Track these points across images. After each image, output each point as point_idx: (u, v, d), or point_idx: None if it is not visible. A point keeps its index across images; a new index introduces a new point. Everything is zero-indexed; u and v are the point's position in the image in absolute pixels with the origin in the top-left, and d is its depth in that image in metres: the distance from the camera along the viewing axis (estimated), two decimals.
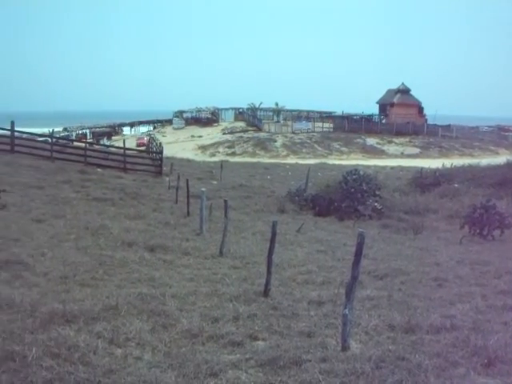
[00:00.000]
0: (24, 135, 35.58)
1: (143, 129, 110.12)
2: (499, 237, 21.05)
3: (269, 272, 10.36)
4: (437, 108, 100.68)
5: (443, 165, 42.35)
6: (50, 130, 39.26)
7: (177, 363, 6.77)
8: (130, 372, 6.48)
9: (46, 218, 17.14)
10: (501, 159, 45.83)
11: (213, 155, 73.11)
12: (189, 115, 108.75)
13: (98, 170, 30.89)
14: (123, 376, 6.31)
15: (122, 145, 36.82)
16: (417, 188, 34.11)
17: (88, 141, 65.93)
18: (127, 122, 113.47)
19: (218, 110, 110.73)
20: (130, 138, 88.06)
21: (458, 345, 7.25)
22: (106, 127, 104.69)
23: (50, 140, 35.48)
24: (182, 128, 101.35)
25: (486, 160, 51.16)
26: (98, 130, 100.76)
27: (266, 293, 10.18)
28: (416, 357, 6.79)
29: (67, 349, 6.94)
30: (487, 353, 6.86)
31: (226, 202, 16.01)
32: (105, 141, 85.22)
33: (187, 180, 23.19)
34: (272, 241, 10.56)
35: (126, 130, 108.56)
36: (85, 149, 34.35)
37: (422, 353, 6.96)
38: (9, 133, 31.11)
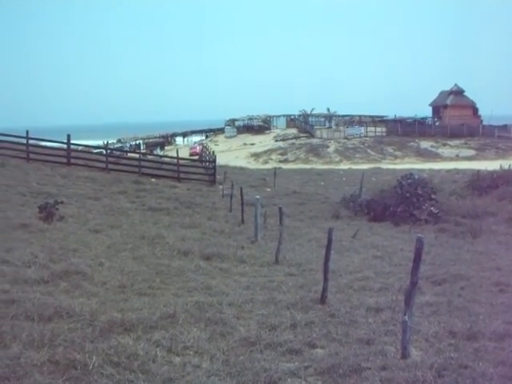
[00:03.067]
0: (79, 148, 36.33)
1: (196, 138, 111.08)
2: None
3: (325, 279, 10.29)
4: (492, 108, 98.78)
5: (501, 166, 41.32)
6: (105, 142, 39.98)
7: (235, 371, 6.77)
8: (189, 380, 6.52)
9: (102, 229, 17.41)
10: None
11: (266, 162, 73.30)
12: (240, 123, 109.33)
13: (152, 180, 31.30)
14: None
15: (175, 154, 37.15)
16: (474, 191, 33.42)
17: (142, 151, 66.80)
18: (179, 131, 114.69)
19: (270, 117, 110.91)
20: (183, 147, 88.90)
21: None
22: (158, 137, 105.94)
23: (104, 152, 36.16)
24: (234, 136, 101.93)
25: None
26: (151, 140, 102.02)
27: (322, 300, 10.11)
28: (480, 365, 6.63)
29: (127, 357, 7.02)
30: None
31: (280, 209, 16.00)
32: (158, 151, 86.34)
33: (241, 188, 23.24)
34: (328, 247, 10.49)
35: (179, 140, 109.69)
36: (139, 159, 34.88)
37: (485, 361, 6.80)
38: (65, 146, 31.84)
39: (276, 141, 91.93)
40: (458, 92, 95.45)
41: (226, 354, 7.47)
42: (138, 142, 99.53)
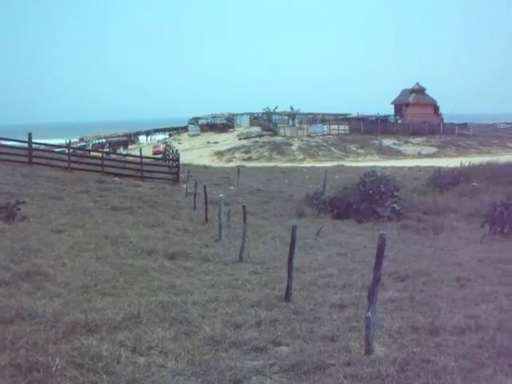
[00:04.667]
0: (41, 147, 35.85)
1: (159, 137, 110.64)
2: None
3: (289, 276, 10.33)
4: (453, 107, 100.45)
5: (461, 163, 42.04)
6: (67, 141, 39.50)
7: (200, 370, 6.76)
8: (154, 380, 6.49)
9: (65, 229, 17.22)
10: None
11: (229, 161, 73.32)
12: (204, 122, 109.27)
13: (116, 179, 31.04)
14: None
15: (138, 153, 36.91)
16: (435, 188, 33.90)
17: (105, 150, 66.24)
18: (143, 130, 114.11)
19: (233, 115, 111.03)
20: (147, 146, 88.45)
21: (484, 345, 7.16)
22: (122, 136, 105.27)
23: (67, 151, 35.76)
24: (198, 135, 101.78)
25: (504, 157, 50.75)
26: (114, 139, 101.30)
27: (287, 297, 10.15)
28: (441, 359, 6.72)
29: (90, 358, 6.95)
30: None
31: (244, 207, 16.00)
32: (121, 150, 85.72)
33: (205, 186, 23.20)
34: (292, 245, 10.54)
35: (142, 139, 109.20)
36: (102, 158, 34.52)
37: (447, 354, 6.89)
38: (26, 145, 31.41)
39: (240, 139, 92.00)
40: (420, 90, 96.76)
41: (191, 353, 7.44)
42: (101, 140, 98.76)
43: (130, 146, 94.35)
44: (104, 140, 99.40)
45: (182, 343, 7.77)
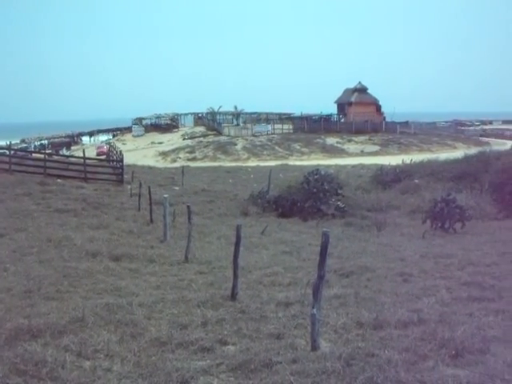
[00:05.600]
0: None
1: (103, 137, 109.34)
2: (460, 229, 21.36)
3: (235, 276, 10.35)
4: (394, 105, 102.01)
5: (403, 161, 42.80)
6: (8, 143, 38.60)
7: (147, 372, 6.70)
8: None
9: (6, 232, 16.86)
10: (458, 153, 46.51)
11: (174, 161, 72.79)
12: (148, 122, 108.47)
13: (59, 180, 30.47)
14: None
15: (81, 154, 36.33)
16: (378, 185, 34.46)
17: (47, 152, 65.01)
18: (86, 131, 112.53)
19: (178, 115, 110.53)
20: (90, 147, 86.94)
21: (426, 338, 7.32)
22: (64, 137, 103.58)
23: (7, 152, 34.96)
24: (142, 135, 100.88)
25: (444, 154, 51.93)
26: (56, 140, 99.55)
27: (233, 297, 10.16)
28: (385, 352, 6.84)
29: (34, 365, 6.81)
30: (455, 344, 6.94)
31: (188, 207, 15.96)
32: (64, 151, 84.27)
33: (149, 187, 23.03)
34: (237, 244, 10.56)
35: (86, 140, 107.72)
36: (44, 160, 33.83)
37: (391, 348, 7.01)
38: None
39: (184, 139, 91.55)
40: (362, 90, 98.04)
41: (138, 355, 7.38)
42: (43, 142, 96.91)
43: (72, 147, 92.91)
44: (46, 141, 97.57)
45: (128, 345, 7.70)
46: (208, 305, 9.76)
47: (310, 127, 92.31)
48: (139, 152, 79.56)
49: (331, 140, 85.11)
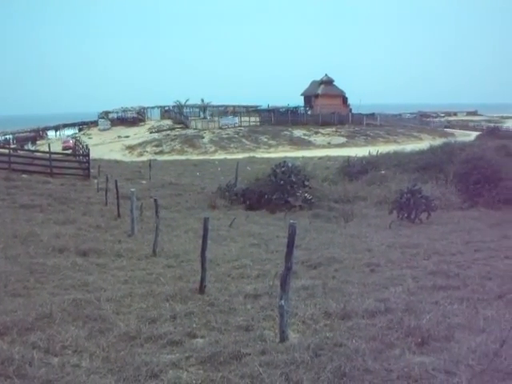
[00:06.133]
0: None
1: (68, 132, 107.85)
2: (426, 220, 21.65)
3: (203, 269, 10.35)
4: (360, 97, 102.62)
5: (369, 152, 43.16)
6: None
7: (116, 367, 6.67)
8: (69, 381, 6.35)
9: None
10: (424, 144, 47.10)
11: (141, 155, 72.29)
12: (114, 116, 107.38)
13: (24, 176, 30.12)
14: None
15: (47, 149, 35.94)
16: (345, 176, 34.68)
17: (12, 147, 64.07)
18: (51, 125, 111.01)
19: (144, 108, 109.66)
20: (56, 141, 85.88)
21: (393, 327, 7.41)
22: (29, 132, 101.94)
23: None
24: (109, 129, 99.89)
25: (410, 146, 52.46)
26: (21, 135, 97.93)
27: (201, 290, 10.17)
28: (353, 342, 6.91)
29: (1, 362, 6.71)
30: (420, 332, 7.05)
31: (155, 201, 15.90)
32: (29, 146, 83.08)
33: (116, 181, 22.89)
34: (204, 237, 10.55)
35: (51, 134, 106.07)
36: (8, 155, 33.37)
37: (358, 337, 7.08)
38: None
39: (151, 132, 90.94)
40: (328, 82, 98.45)
41: (106, 350, 7.33)
42: (7, 136, 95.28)
43: (38, 142, 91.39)
44: (11, 136, 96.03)
45: (97, 341, 7.65)
46: (176, 298, 9.75)
47: (277, 120, 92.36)
48: (106, 146, 78.84)
49: (298, 132, 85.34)
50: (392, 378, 5.80)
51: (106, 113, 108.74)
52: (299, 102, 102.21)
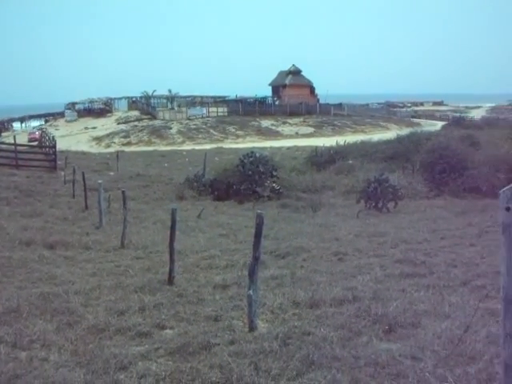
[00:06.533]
0: None
1: (34, 123, 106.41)
2: (393, 208, 21.89)
3: (171, 260, 10.35)
4: (328, 88, 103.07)
5: (337, 142, 43.31)
6: None
7: (85, 360, 6.63)
8: (37, 375, 6.30)
9: None
10: (391, 134, 47.51)
11: (108, 146, 71.66)
12: (81, 107, 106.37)
13: None
14: (30, 380, 6.10)
15: (12, 141, 35.51)
16: (313, 166, 34.82)
17: None
18: (17, 116, 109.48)
19: (111, 99, 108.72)
20: (21, 133, 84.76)
21: (360, 315, 7.49)
22: None
23: None
24: (75, 120, 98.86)
25: (377, 135, 52.78)
26: None
27: (170, 281, 10.17)
28: (321, 330, 6.97)
29: None
30: (388, 320, 7.14)
31: (123, 192, 15.82)
32: None
33: (83, 173, 22.71)
34: (172, 228, 10.54)
35: (17, 126, 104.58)
36: None
37: (326, 326, 7.15)
38: None
39: (118, 123, 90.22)
40: (296, 72, 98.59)
41: (75, 343, 7.29)
42: None
43: (3, 134, 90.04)
44: None
45: (65, 334, 7.61)
46: (145, 290, 9.73)
47: (244, 110, 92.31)
48: (72, 137, 78.04)
49: (266, 122, 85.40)
50: (359, 364, 5.87)
51: (73, 104, 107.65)
52: (267, 92, 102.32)
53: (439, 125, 72.89)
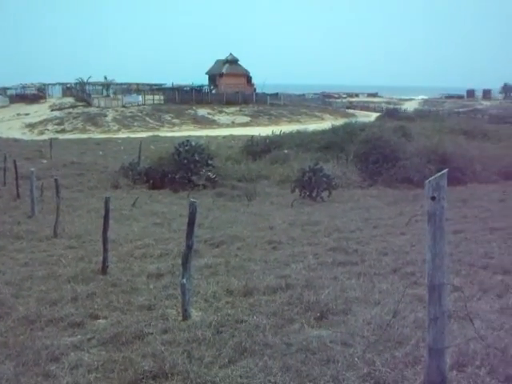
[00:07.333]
0: None
1: None
2: (327, 198, 22.20)
3: (105, 249, 10.27)
4: (265, 77, 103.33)
5: (273, 132, 43.50)
6: None
7: (15, 352, 6.51)
8: None
9: None
10: (326, 124, 47.98)
11: (42, 133, 70.06)
12: (13, 92, 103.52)
13: None
14: None
15: None
16: (248, 156, 34.90)
17: None
18: None
19: (45, 85, 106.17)
20: None
21: (293, 302, 7.61)
22: None
23: None
24: (7, 106, 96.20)
25: (312, 125, 53.29)
26: None
27: (104, 270, 10.10)
28: (254, 318, 7.06)
29: None
30: (319, 307, 7.28)
31: (56, 180, 15.56)
32: None
33: (14, 161, 22.23)
34: (106, 217, 10.46)
35: None
36: None
37: (259, 313, 7.24)
38: None
39: (52, 110, 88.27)
40: (233, 61, 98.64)
41: (5, 335, 7.15)
42: None
43: None
44: None
45: None
46: (78, 279, 9.64)
47: (181, 98, 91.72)
48: (4, 124, 75.95)
49: (202, 111, 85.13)
50: (291, 351, 5.98)
51: (4, 89, 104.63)
52: (204, 80, 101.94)
53: (373, 116, 74.14)
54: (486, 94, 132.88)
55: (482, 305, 7.12)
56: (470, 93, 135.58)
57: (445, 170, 4.44)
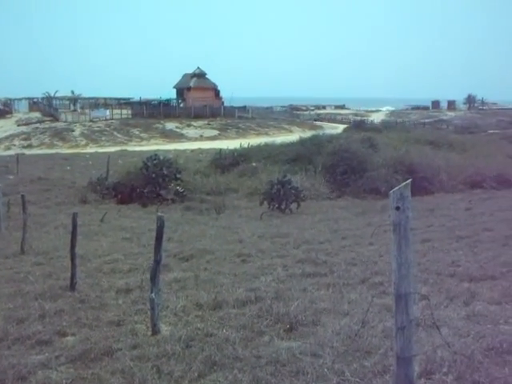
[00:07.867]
0: None
1: None
2: (296, 210, 22.29)
3: (73, 265, 10.17)
4: (233, 90, 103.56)
5: (241, 145, 43.55)
6: None
7: None
8: None
9: None
10: (294, 136, 48.18)
11: (8, 148, 69.19)
12: None
13: None
14: None
15: None
16: (217, 169, 34.85)
17: None
18: None
19: (11, 100, 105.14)
20: None
21: (263, 315, 7.63)
22: None
23: None
24: None
25: (280, 138, 53.49)
26: None
27: (72, 286, 9.99)
28: (223, 331, 7.07)
29: None
30: (289, 319, 7.31)
31: (23, 196, 15.42)
32: None
33: None
34: (74, 233, 10.37)
35: None
36: None
37: (229, 327, 7.25)
38: None
39: (18, 125, 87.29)
40: (201, 75, 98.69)
41: None
42: None
43: None
44: None
45: None
46: (46, 296, 9.52)
47: (149, 112, 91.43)
48: None
49: (170, 125, 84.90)
50: (261, 364, 5.99)
51: None
52: (171, 94, 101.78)
53: (341, 128, 74.69)
54: (451, 104, 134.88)
55: (449, 312, 7.21)
56: (435, 104, 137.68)
57: (408, 180, 4.50)
